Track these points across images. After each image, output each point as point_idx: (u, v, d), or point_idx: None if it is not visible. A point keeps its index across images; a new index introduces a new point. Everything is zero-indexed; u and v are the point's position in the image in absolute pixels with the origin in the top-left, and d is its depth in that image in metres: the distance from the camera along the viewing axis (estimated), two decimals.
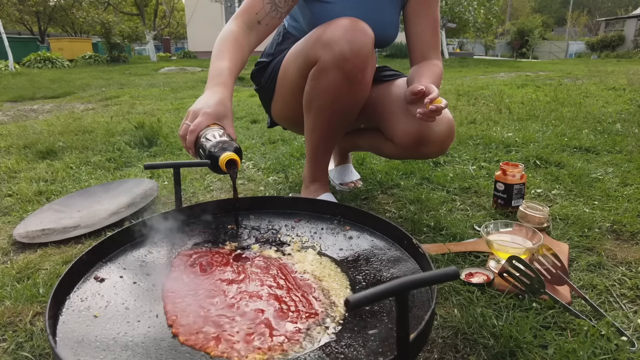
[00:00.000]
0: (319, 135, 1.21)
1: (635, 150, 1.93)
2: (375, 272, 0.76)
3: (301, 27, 1.25)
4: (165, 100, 4.21)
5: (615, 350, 0.71)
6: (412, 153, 1.21)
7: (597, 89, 4.32)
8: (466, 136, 2.25)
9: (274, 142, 2.28)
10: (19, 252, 1.17)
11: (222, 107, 0.87)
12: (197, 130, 0.83)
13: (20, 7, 19.57)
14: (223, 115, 0.86)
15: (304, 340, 0.59)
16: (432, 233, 1.17)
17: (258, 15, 1.05)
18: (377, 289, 0.43)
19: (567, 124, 2.51)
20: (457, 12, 13.05)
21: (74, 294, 0.69)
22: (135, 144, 2.26)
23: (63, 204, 1.47)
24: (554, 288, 0.88)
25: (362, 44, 1.04)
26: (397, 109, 1.18)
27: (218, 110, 0.86)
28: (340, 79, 1.06)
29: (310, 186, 1.30)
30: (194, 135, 0.83)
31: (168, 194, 1.55)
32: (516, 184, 1.28)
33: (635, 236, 1.14)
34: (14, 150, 2.24)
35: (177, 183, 0.95)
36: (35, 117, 3.47)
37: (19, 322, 0.84)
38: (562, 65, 10.12)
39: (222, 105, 0.87)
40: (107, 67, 10.38)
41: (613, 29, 22.90)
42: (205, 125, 0.84)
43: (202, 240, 0.89)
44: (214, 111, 0.85)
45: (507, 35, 26.41)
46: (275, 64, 1.29)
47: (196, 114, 0.85)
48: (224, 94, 0.89)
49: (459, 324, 0.80)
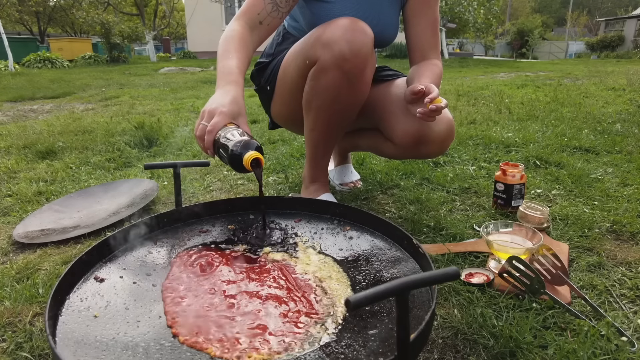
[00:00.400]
0: (318, 135, 1.21)
1: (635, 151, 1.94)
2: (375, 272, 0.76)
3: (301, 27, 1.25)
4: (165, 100, 4.21)
5: (615, 350, 0.71)
6: (411, 153, 1.21)
7: (596, 89, 4.32)
8: (466, 136, 2.25)
9: (273, 142, 2.28)
10: (18, 253, 1.17)
11: (237, 105, 0.86)
12: (215, 130, 0.82)
13: (20, 8, 19.56)
14: (238, 114, 0.86)
15: (304, 340, 0.59)
16: (432, 233, 1.17)
17: (260, 15, 1.05)
18: (378, 289, 0.43)
19: (567, 124, 2.51)
20: (457, 12, 13.06)
21: (74, 294, 0.69)
22: (135, 144, 2.26)
23: (63, 204, 1.47)
24: (554, 288, 0.88)
25: (362, 44, 1.04)
26: (397, 108, 1.18)
27: (233, 109, 0.85)
28: (340, 79, 1.06)
29: (310, 186, 1.30)
30: (212, 136, 0.82)
31: (168, 194, 1.55)
32: (516, 184, 1.28)
33: (635, 236, 1.14)
34: (13, 151, 2.24)
35: (177, 182, 0.95)
36: (35, 117, 3.47)
37: (19, 322, 0.84)
38: (562, 65, 10.13)
39: (236, 103, 0.87)
40: (106, 67, 10.38)
41: (613, 29, 22.91)
42: (222, 124, 0.83)
43: (202, 241, 0.89)
44: (230, 110, 0.84)
45: (507, 36, 26.42)
46: (275, 64, 1.29)
47: (212, 114, 0.84)
48: (237, 92, 0.89)
49: (459, 324, 0.80)
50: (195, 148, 2.18)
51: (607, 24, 23.96)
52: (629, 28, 21.41)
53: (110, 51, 12.95)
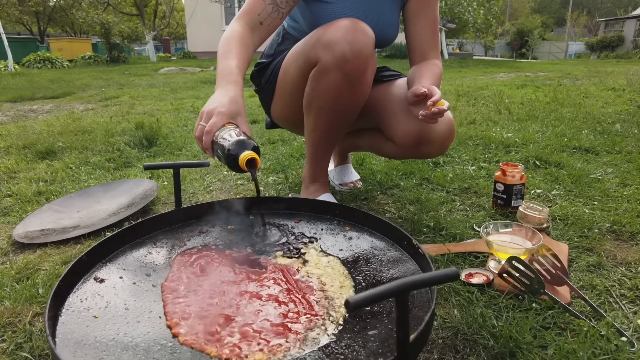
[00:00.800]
0: (319, 135, 1.21)
1: (635, 151, 1.94)
2: (375, 272, 0.76)
3: (301, 28, 1.25)
4: (164, 100, 4.21)
5: (615, 350, 0.71)
6: (412, 153, 1.21)
7: (596, 90, 4.32)
8: (466, 136, 2.25)
9: (273, 143, 2.28)
10: (18, 253, 1.17)
11: (236, 105, 0.86)
12: (213, 131, 0.82)
13: (19, 7, 19.56)
14: (237, 113, 0.86)
15: (304, 341, 0.59)
16: (431, 233, 1.17)
17: (260, 16, 1.05)
18: (377, 290, 0.43)
19: (566, 125, 2.51)
20: (457, 13, 13.06)
21: (74, 294, 0.69)
22: (134, 144, 2.26)
23: (62, 204, 1.47)
24: (554, 288, 0.88)
25: (363, 45, 1.04)
26: (397, 109, 1.18)
27: (232, 109, 0.85)
28: (341, 80, 1.06)
29: (310, 186, 1.30)
30: (211, 136, 0.82)
31: (168, 194, 1.55)
32: (516, 184, 1.28)
33: (635, 236, 1.14)
34: (13, 151, 2.24)
35: (177, 183, 0.95)
36: (34, 117, 3.47)
37: (18, 322, 0.84)
38: (562, 65, 10.13)
39: (235, 103, 0.87)
40: (106, 68, 10.38)
41: (612, 30, 22.92)
42: (220, 125, 0.83)
43: (202, 242, 0.89)
44: (228, 110, 0.84)
45: (507, 36, 26.43)
46: (275, 65, 1.29)
47: (210, 114, 0.84)
48: (236, 91, 0.89)
49: (458, 324, 0.80)
50: (195, 148, 2.18)
51: (607, 24, 23.98)
52: (628, 28, 21.41)
53: (110, 51, 12.95)
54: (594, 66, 9.16)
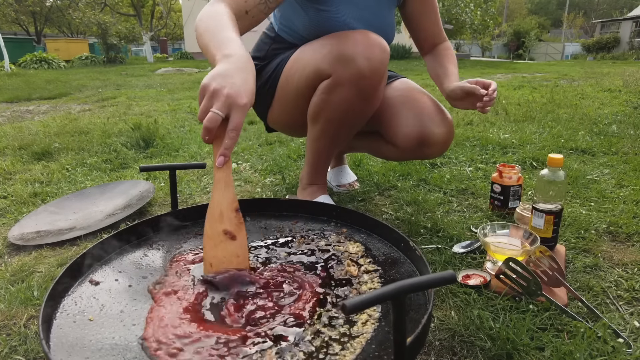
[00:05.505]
0: (324, 143, 1.20)
1: (631, 152, 1.94)
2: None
3: (295, 33, 1.21)
4: (162, 101, 4.20)
5: (611, 352, 0.71)
6: (413, 154, 1.21)
7: (593, 91, 4.34)
8: (463, 138, 2.26)
9: (270, 144, 2.28)
10: (13, 255, 1.16)
11: (252, 93, 0.70)
12: (238, 134, 0.67)
13: (16, 8, 19.50)
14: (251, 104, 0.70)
15: (297, 345, 0.59)
16: (429, 235, 1.17)
17: (247, 4, 0.95)
18: (374, 293, 0.43)
19: (563, 126, 2.52)
20: (454, 14, 13.11)
21: (69, 297, 0.69)
22: (131, 145, 2.25)
23: (58, 205, 1.46)
24: (551, 290, 0.88)
25: (380, 61, 1.03)
26: (397, 111, 1.18)
27: (252, 100, 0.69)
28: (355, 95, 1.05)
29: (307, 188, 1.30)
30: (235, 142, 0.68)
31: (164, 196, 1.54)
32: (513, 185, 1.28)
33: (631, 237, 1.14)
34: (9, 152, 2.23)
35: (173, 185, 0.94)
36: (31, 118, 3.45)
37: (13, 325, 0.83)
38: (558, 66, 10.17)
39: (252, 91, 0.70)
40: (103, 68, 10.35)
41: (608, 31, 23.04)
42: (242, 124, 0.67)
43: (199, 244, 0.88)
44: (250, 102, 0.68)
45: (504, 37, 26.55)
46: (273, 69, 1.24)
47: (228, 100, 0.65)
48: (253, 70, 0.72)
49: (455, 326, 0.79)
50: (192, 149, 2.17)
51: (603, 26, 24.09)
52: (624, 30, 21.53)
53: (107, 52, 12.92)
54: (591, 67, 9.20)
